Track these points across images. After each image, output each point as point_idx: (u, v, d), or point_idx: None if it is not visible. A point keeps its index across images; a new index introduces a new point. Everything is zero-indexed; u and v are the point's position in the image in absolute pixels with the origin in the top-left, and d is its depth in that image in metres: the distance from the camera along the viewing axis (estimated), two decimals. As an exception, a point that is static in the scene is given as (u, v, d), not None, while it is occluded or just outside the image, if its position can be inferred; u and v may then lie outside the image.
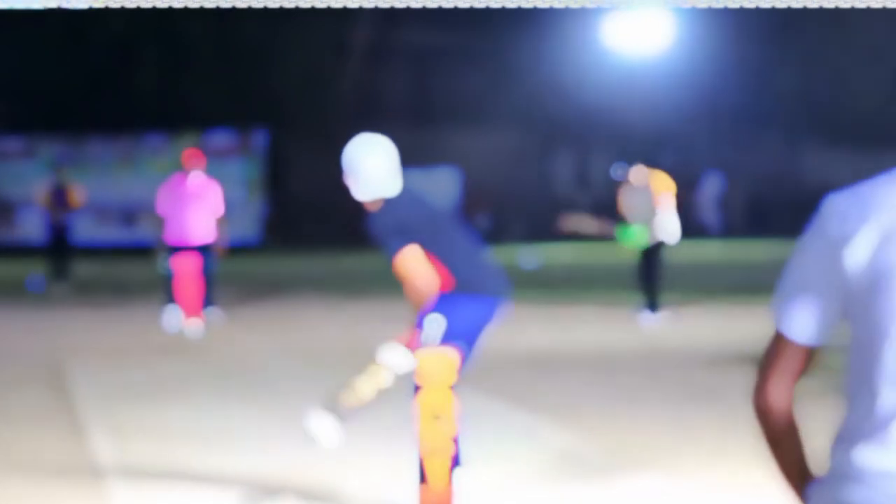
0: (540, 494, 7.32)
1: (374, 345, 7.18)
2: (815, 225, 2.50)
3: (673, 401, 10.29)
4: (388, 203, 6.46)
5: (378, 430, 8.61)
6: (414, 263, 6.36)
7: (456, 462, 6.58)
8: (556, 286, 17.49)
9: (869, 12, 29.85)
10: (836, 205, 2.47)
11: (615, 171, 16.39)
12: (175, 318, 16.12)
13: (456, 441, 6.54)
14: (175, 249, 16.18)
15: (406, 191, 6.57)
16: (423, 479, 6.47)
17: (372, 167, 6.39)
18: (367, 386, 6.61)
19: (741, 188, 41.00)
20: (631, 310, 15.92)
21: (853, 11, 29.54)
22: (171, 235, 16.30)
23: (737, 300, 17.76)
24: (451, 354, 6.49)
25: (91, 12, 35.48)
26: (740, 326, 14.44)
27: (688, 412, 9.75)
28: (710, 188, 40.87)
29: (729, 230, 38.57)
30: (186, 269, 15.73)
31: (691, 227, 40.74)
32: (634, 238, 15.33)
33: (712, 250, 30.53)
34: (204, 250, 16.20)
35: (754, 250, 29.04)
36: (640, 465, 7.71)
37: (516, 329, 14.45)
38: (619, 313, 15.73)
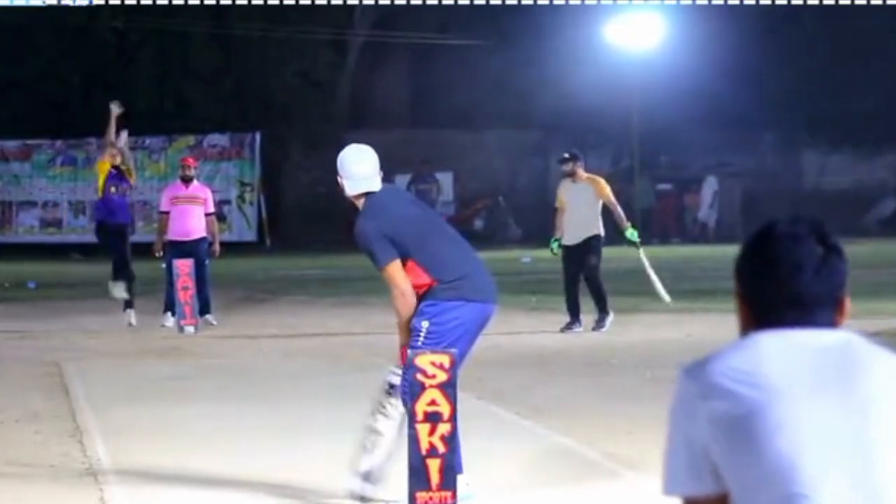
0: (540, 494, 7.32)
1: (372, 345, 7.18)
2: (676, 402, 2.62)
3: (671, 400, 10.27)
4: (372, 198, 7.09)
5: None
6: (396, 278, 6.88)
7: (457, 468, 6.64)
8: (553, 286, 17.50)
9: (867, 9, 29.96)
10: (685, 388, 2.60)
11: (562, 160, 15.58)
12: (172, 319, 16.13)
13: (455, 445, 6.59)
14: (173, 251, 16.23)
15: (388, 189, 7.31)
16: (420, 482, 6.49)
17: (358, 168, 7.16)
18: (386, 424, 6.89)
19: (738, 189, 41.01)
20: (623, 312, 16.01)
21: (851, 8, 29.67)
22: (170, 237, 16.40)
23: (734, 301, 17.71)
24: (447, 357, 6.54)
25: (90, 14, 35.50)
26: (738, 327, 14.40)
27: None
28: (707, 189, 40.86)
29: (726, 231, 38.53)
30: (184, 271, 15.74)
31: (688, 229, 40.90)
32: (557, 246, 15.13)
33: (709, 251, 30.51)
34: (200, 252, 16.25)
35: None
36: (640, 466, 7.71)
37: (514, 329, 14.46)
38: (618, 313, 15.72)
